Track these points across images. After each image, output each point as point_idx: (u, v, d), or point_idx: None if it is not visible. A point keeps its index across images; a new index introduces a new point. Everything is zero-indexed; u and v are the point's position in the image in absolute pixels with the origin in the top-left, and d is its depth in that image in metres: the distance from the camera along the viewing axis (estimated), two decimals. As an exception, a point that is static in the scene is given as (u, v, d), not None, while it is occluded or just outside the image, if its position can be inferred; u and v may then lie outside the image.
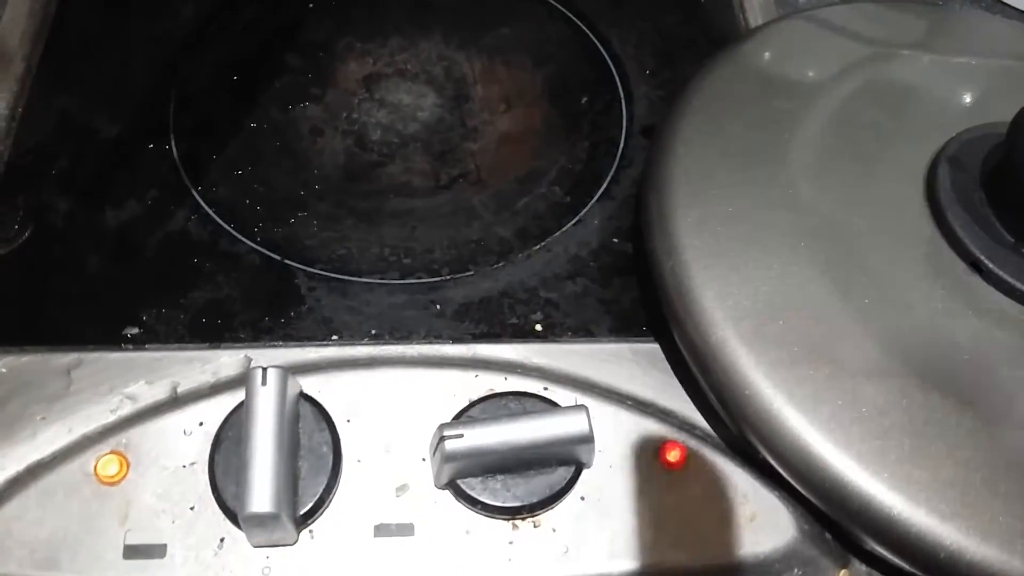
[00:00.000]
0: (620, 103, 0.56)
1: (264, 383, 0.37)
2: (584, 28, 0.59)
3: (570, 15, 0.60)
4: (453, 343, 0.45)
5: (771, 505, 0.39)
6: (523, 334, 0.46)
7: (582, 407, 0.38)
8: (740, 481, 0.40)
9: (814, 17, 0.54)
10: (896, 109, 0.49)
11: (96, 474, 0.39)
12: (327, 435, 0.40)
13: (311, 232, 0.50)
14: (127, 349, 0.45)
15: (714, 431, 0.42)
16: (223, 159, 0.52)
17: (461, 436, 0.37)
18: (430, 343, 0.45)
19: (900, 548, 0.36)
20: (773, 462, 0.38)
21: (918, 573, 0.37)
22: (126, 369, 0.44)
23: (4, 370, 0.44)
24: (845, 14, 0.54)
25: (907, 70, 0.51)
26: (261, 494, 0.35)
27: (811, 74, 0.51)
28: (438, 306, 0.47)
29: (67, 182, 0.51)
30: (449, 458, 0.37)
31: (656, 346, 0.45)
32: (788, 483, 0.38)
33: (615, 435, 0.41)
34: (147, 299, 0.47)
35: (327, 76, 0.56)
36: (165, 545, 0.38)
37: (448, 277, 0.48)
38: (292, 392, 0.39)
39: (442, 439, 0.37)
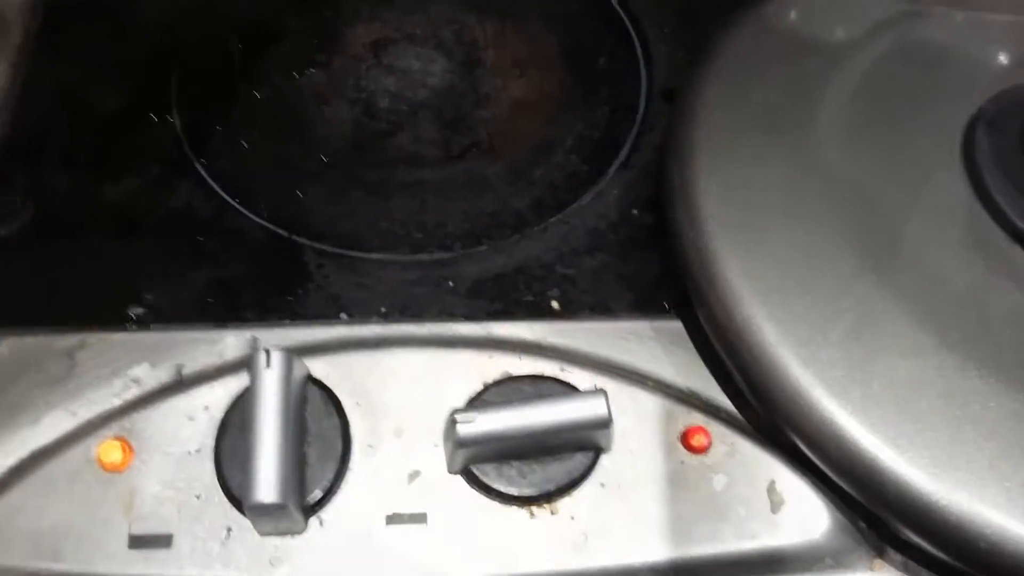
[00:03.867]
0: (639, 65, 0.53)
1: (268, 366, 0.36)
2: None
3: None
4: (466, 321, 0.43)
5: (801, 492, 0.37)
6: (539, 312, 0.44)
7: (600, 391, 0.36)
8: (768, 467, 0.38)
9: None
10: (931, 69, 0.46)
11: (99, 461, 0.38)
12: (335, 420, 0.38)
13: (318, 206, 0.48)
14: (131, 330, 0.43)
15: (741, 414, 0.40)
16: (227, 130, 0.51)
17: (473, 421, 0.35)
18: (443, 322, 0.43)
19: (938, 537, 0.34)
20: (803, 447, 0.37)
21: (957, 563, 0.35)
22: (130, 350, 0.42)
23: (6, 352, 0.42)
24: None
25: (943, 28, 0.48)
26: (267, 484, 0.34)
27: (842, 33, 0.48)
28: (451, 283, 0.45)
29: (67, 157, 0.49)
30: (462, 444, 0.35)
31: (679, 324, 0.43)
32: (819, 469, 0.37)
33: (636, 418, 0.39)
34: (151, 278, 0.45)
35: (333, 42, 0.54)
36: (171, 535, 0.37)
37: (461, 252, 0.46)
38: (298, 375, 0.38)
39: (454, 424, 0.35)
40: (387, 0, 0.56)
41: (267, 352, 0.36)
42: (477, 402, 0.38)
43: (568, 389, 0.38)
